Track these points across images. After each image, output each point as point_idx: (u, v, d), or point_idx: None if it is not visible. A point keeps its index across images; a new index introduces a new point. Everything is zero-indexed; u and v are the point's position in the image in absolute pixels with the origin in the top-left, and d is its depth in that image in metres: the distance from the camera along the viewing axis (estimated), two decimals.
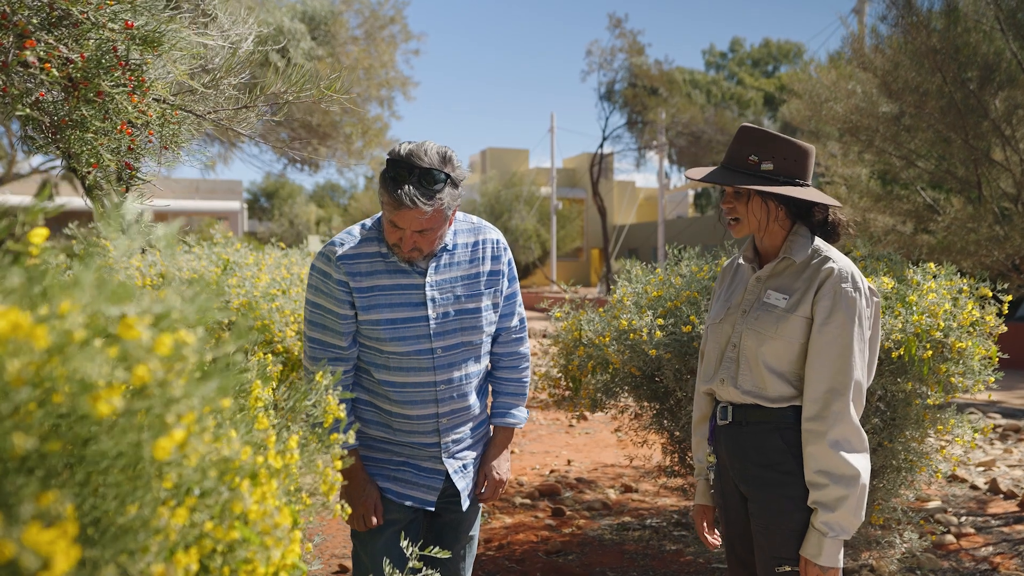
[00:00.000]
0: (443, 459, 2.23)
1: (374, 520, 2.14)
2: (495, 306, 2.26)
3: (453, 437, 2.24)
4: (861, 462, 1.81)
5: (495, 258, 2.25)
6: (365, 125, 14.16)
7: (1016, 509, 4.78)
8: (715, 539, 2.17)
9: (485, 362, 2.31)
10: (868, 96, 5.34)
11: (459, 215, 2.25)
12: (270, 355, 1.35)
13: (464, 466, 2.29)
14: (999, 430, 6.92)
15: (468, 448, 2.30)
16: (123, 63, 1.41)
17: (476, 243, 2.23)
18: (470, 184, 43.94)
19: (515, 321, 2.35)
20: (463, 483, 2.28)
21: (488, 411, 2.41)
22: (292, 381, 2.04)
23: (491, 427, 2.41)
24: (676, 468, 3.93)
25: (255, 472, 0.96)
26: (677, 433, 3.66)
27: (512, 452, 6.37)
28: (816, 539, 1.81)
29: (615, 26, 28.03)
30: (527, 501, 4.94)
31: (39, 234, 0.68)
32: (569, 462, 6.05)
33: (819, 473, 1.81)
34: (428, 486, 2.23)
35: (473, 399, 2.27)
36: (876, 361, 1.95)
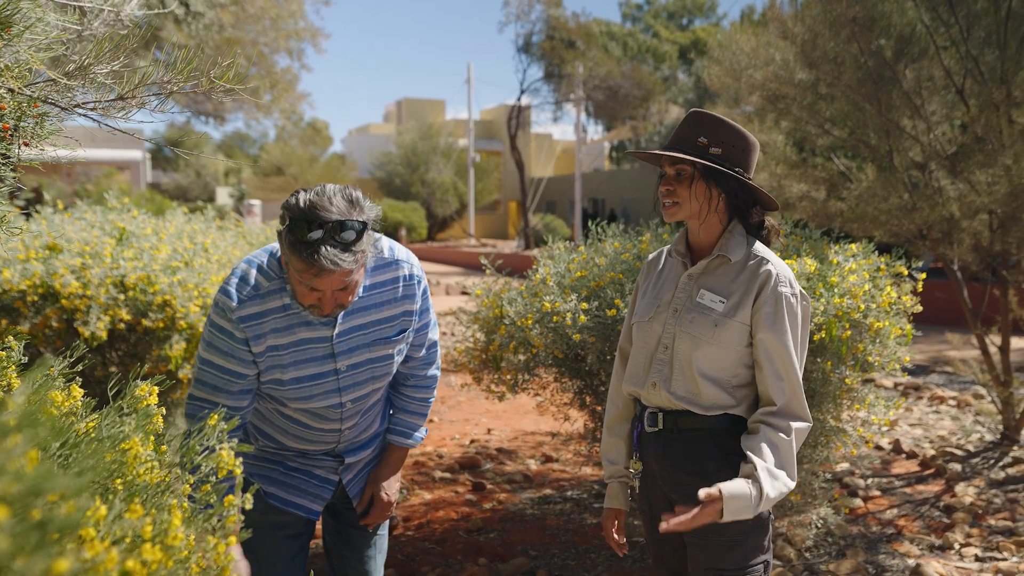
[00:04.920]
0: (338, 471, 2.14)
1: None
2: (407, 345, 2.10)
3: (352, 448, 2.15)
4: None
5: (408, 297, 2.02)
6: (274, 78, 13.54)
7: (918, 468, 4.99)
8: (624, 542, 2.06)
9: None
10: (786, 64, 5.33)
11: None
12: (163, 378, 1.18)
13: (359, 474, 2.20)
14: (900, 388, 7.22)
15: (365, 461, 2.21)
16: None
17: (389, 281, 1.99)
18: (386, 135, 43.00)
19: (424, 351, 2.19)
20: (355, 490, 2.19)
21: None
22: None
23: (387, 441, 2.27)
24: (598, 435, 3.90)
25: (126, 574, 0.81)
26: (599, 408, 3.62)
27: (431, 421, 6.26)
28: (744, 501, 1.66)
29: None
30: (447, 475, 4.86)
31: None
32: (489, 431, 6.00)
33: (776, 466, 1.71)
34: (316, 495, 2.12)
35: (378, 422, 2.19)
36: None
